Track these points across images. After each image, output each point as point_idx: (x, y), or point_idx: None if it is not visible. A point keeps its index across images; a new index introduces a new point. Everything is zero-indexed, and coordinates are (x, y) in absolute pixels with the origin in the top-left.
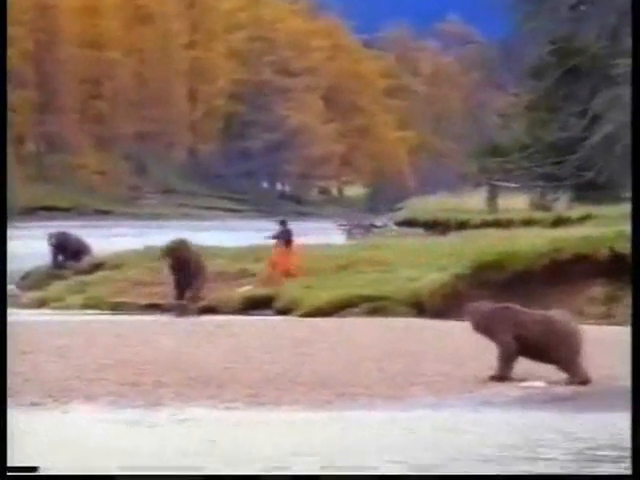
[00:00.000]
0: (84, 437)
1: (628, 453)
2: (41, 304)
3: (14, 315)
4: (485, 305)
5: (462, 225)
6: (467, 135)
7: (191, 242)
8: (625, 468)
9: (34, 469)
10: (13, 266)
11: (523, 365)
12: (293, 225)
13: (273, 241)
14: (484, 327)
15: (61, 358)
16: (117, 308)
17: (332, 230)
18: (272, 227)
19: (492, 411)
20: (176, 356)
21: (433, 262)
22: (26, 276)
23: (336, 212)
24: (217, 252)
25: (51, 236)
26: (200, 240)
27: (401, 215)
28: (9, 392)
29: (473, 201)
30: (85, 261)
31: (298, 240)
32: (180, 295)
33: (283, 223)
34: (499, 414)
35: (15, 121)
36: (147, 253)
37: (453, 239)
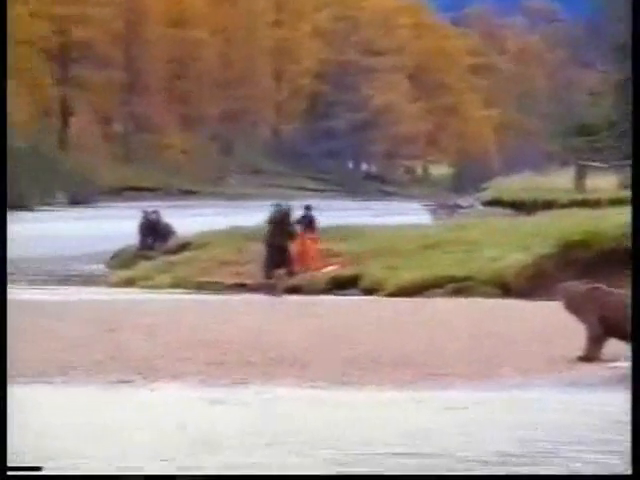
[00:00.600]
0: (171, 415)
1: None
2: (130, 283)
3: (102, 294)
4: (576, 285)
5: (548, 205)
6: (553, 114)
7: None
8: None
9: (35, 469)
10: (101, 246)
11: (614, 346)
12: (378, 205)
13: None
14: (575, 307)
15: (149, 336)
16: (203, 287)
17: (417, 210)
18: (357, 207)
19: (580, 392)
20: (261, 335)
21: (519, 242)
22: (115, 256)
23: (421, 192)
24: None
25: (145, 215)
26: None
27: (487, 195)
28: (96, 369)
29: (560, 180)
30: (171, 241)
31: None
32: (269, 274)
33: (307, 209)
34: (587, 395)
35: (102, 101)
36: (232, 233)
37: (539, 219)
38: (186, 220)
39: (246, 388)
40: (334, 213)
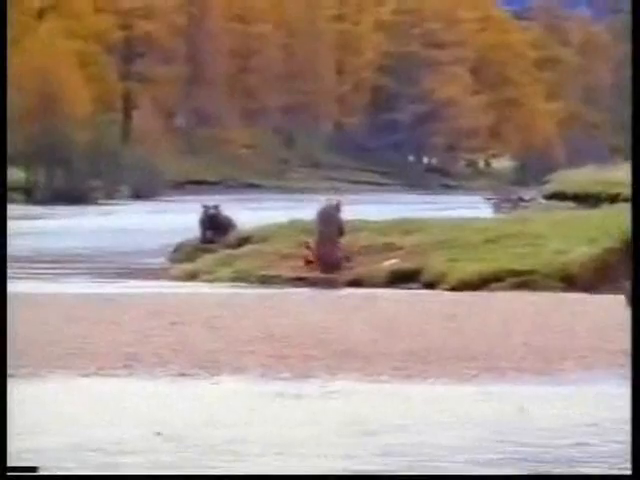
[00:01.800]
0: (233, 408)
1: None
2: (191, 276)
3: (164, 287)
4: None
5: (613, 198)
6: (618, 106)
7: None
8: None
9: (34, 469)
10: (164, 240)
11: None
12: (439, 198)
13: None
14: None
15: (211, 329)
16: (265, 281)
17: (479, 203)
18: (419, 200)
19: None
20: (323, 329)
21: (583, 235)
22: (177, 249)
23: (483, 185)
24: (363, 225)
25: (205, 210)
26: (346, 214)
27: (550, 188)
28: (159, 361)
29: (624, 174)
30: (232, 235)
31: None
32: (319, 266)
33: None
34: None
35: (164, 95)
36: (293, 226)
37: (604, 212)
38: (247, 213)
39: (309, 382)
40: (396, 206)
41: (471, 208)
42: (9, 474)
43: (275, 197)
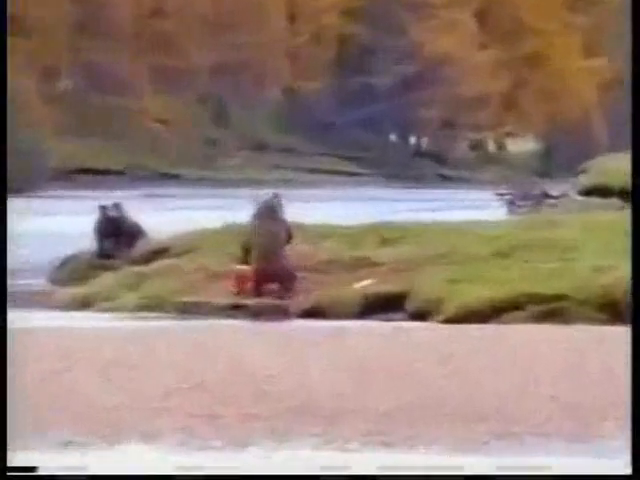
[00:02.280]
0: None
1: None
2: (83, 304)
3: (45, 319)
4: None
5: None
6: None
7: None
8: None
9: (34, 469)
10: (43, 252)
11: None
12: (433, 194)
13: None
14: None
15: (109, 380)
16: (186, 310)
17: (489, 201)
18: (404, 197)
19: None
20: (268, 377)
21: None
22: (62, 265)
23: (494, 176)
24: (326, 232)
25: (102, 210)
26: (302, 215)
27: (587, 180)
28: (35, 426)
29: None
30: (141, 246)
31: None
32: (258, 289)
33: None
34: None
35: (44, 47)
36: (228, 233)
37: None
38: (162, 215)
39: (248, 451)
40: (371, 206)
41: (477, 208)
42: (9, 474)
43: (201, 193)
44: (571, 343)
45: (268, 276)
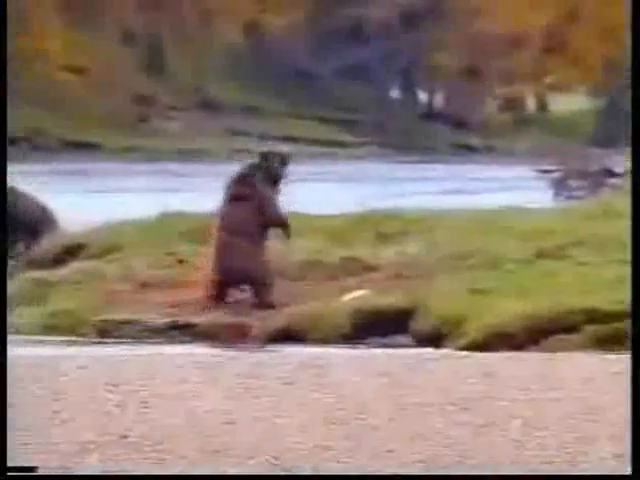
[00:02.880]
0: None
1: None
2: None
3: None
4: None
5: None
6: None
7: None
8: None
9: (34, 469)
10: None
11: None
12: (450, 171)
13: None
14: None
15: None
16: (107, 332)
17: (527, 181)
18: (411, 175)
19: None
20: (221, 430)
21: None
22: None
23: (535, 146)
24: (303, 225)
25: None
26: None
27: None
28: None
29: None
30: (48, 242)
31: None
32: (220, 296)
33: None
34: None
35: None
36: (165, 226)
37: None
38: (75, 201)
39: None
40: (365, 188)
41: (512, 190)
42: (9, 474)
43: (129, 169)
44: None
45: (233, 280)
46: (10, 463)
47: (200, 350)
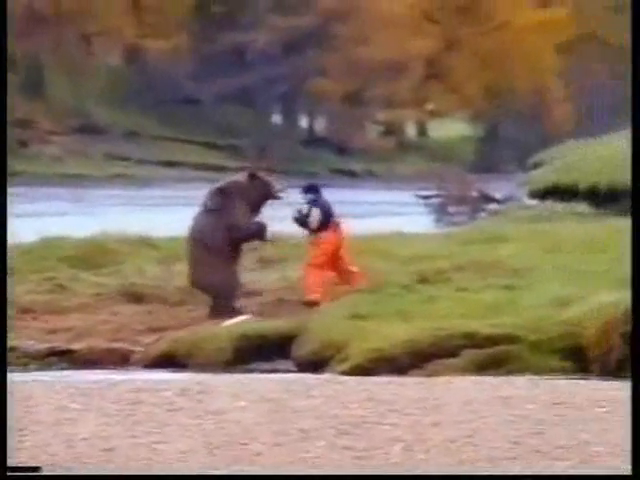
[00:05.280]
0: None
1: None
2: None
3: None
4: None
5: None
6: None
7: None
8: None
9: (35, 469)
10: None
11: None
12: (331, 196)
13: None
14: None
15: None
16: None
17: (408, 205)
18: (290, 200)
19: None
20: (108, 458)
21: (605, 270)
22: None
23: (415, 171)
24: (182, 249)
25: None
26: (152, 227)
27: (543, 177)
28: None
29: None
30: None
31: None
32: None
33: (311, 190)
34: None
35: None
36: (46, 250)
37: None
38: None
39: None
40: None
41: (393, 215)
42: (9, 474)
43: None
44: (524, 401)
45: (202, 291)
46: None
47: (79, 376)
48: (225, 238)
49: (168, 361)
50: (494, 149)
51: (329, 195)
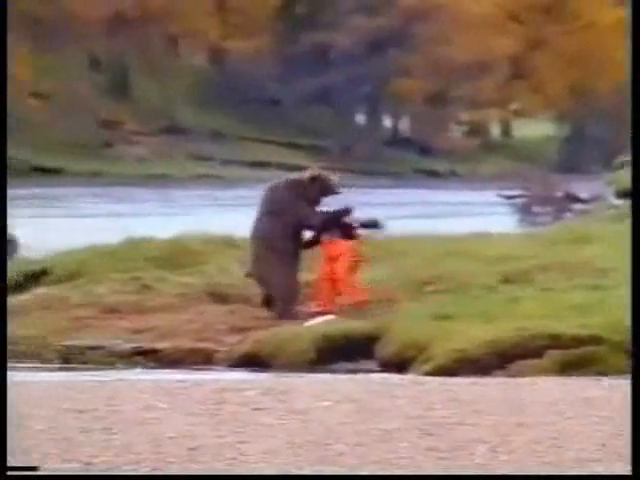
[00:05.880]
0: None
1: None
2: None
3: None
4: None
5: None
6: None
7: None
8: None
9: (34, 469)
10: None
11: None
12: (415, 196)
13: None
14: None
15: None
16: (74, 358)
17: (491, 206)
18: (375, 200)
19: None
20: (192, 457)
21: None
22: None
23: (499, 171)
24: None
25: None
26: (235, 226)
27: (629, 177)
28: None
29: None
30: (9, 268)
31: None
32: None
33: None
34: None
35: None
36: (131, 250)
37: None
38: (38, 225)
39: None
40: None
41: (477, 215)
42: (9, 474)
43: (92, 193)
44: (607, 404)
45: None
46: None
47: (164, 376)
48: (286, 239)
49: (252, 361)
50: (579, 149)
51: (412, 196)
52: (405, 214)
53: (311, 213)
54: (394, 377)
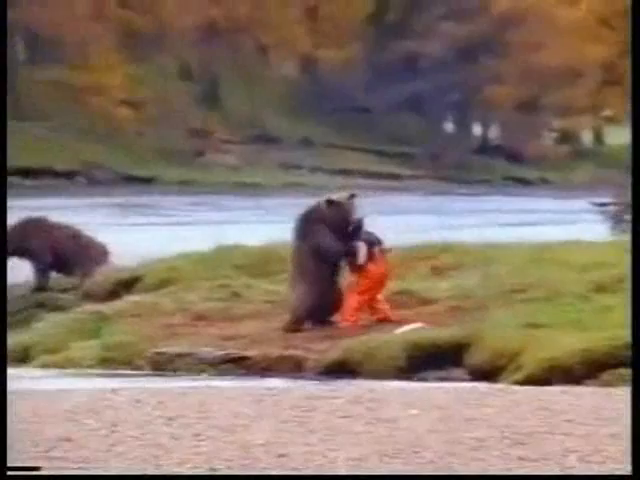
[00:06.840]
0: None
1: None
2: (20, 358)
3: None
4: None
5: None
6: None
7: None
8: None
9: (34, 469)
10: None
11: None
12: (506, 204)
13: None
14: None
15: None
16: (164, 365)
17: (583, 214)
18: (464, 208)
19: None
20: (282, 464)
21: None
22: None
23: (591, 179)
24: None
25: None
26: None
27: None
28: None
29: None
30: (101, 274)
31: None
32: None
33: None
34: None
35: None
36: (221, 258)
37: None
38: (130, 234)
39: None
40: (419, 219)
41: (568, 223)
42: (9, 474)
43: (184, 202)
44: None
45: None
46: None
47: (253, 383)
48: (311, 263)
49: (341, 369)
50: None
51: (502, 203)
52: (496, 222)
53: (326, 238)
54: (484, 386)
